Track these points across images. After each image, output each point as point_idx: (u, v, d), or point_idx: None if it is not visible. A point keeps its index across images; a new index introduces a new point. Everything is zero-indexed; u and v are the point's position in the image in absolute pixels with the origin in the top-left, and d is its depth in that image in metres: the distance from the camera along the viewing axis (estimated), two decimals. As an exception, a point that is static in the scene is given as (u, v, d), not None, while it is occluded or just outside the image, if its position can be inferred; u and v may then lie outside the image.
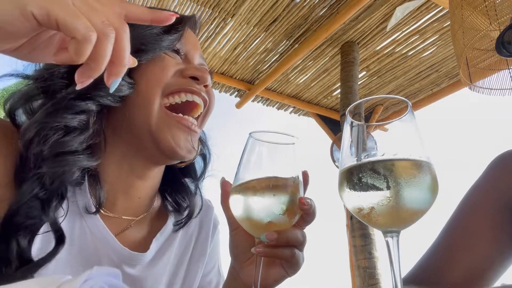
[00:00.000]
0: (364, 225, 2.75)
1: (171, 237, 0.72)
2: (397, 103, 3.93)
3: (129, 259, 0.64)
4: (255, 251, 0.51)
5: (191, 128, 0.65)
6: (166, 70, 0.64)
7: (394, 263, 0.43)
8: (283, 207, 0.48)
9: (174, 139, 0.62)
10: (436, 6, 2.80)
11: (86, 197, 0.62)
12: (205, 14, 2.97)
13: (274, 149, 0.50)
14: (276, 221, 0.49)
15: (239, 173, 0.50)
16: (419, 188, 0.43)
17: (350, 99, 3.10)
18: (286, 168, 0.49)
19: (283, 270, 0.56)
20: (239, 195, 0.49)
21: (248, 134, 0.51)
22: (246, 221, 0.50)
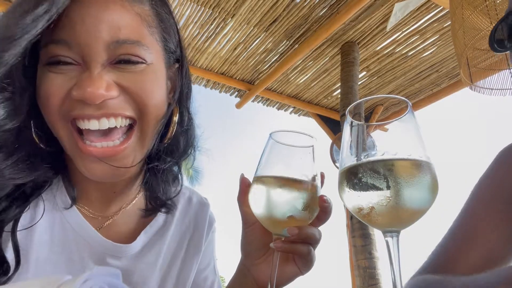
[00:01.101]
0: (364, 225, 2.75)
1: (161, 231, 0.70)
2: (397, 103, 3.93)
3: (113, 251, 0.62)
4: (274, 246, 0.52)
5: (107, 156, 0.52)
6: (49, 99, 0.51)
7: (394, 263, 0.43)
8: (304, 202, 0.50)
9: (87, 168, 0.54)
10: (436, 6, 2.80)
11: (63, 193, 0.60)
12: (205, 14, 2.98)
13: (293, 151, 0.52)
14: (297, 217, 0.50)
15: (258, 172, 0.52)
16: (419, 188, 0.43)
17: (350, 99, 3.10)
18: (305, 168, 0.51)
19: (297, 268, 0.57)
20: (261, 192, 0.51)
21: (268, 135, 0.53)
22: (266, 217, 0.51)
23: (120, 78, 0.53)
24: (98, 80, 0.50)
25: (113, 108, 0.52)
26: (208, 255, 0.77)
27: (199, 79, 3.70)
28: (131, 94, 0.54)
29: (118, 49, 0.52)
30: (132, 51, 0.53)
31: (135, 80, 0.54)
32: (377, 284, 2.66)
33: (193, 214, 0.76)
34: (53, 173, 0.58)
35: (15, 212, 0.53)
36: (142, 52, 0.54)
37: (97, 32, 0.51)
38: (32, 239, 0.55)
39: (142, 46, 0.54)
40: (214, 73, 3.65)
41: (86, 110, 0.51)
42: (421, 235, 0.81)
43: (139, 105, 0.54)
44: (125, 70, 0.53)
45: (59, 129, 0.53)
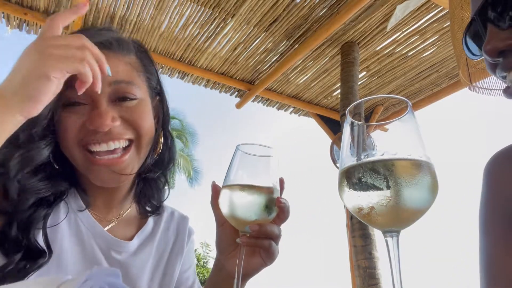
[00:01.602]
0: (364, 225, 2.75)
1: (150, 236, 0.86)
2: (397, 103, 3.93)
3: (116, 246, 0.77)
4: (240, 241, 0.61)
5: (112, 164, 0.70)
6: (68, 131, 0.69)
7: (394, 263, 0.43)
8: (263, 204, 0.59)
9: (98, 177, 0.72)
10: (436, 6, 2.80)
11: (77, 199, 0.77)
12: (205, 14, 2.98)
13: (256, 161, 0.61)
14: (258, 216, 0.60)
15: (227, 178, 0.61)
16: (419, 188, 0.43)
17: (350, 99, 3.10)
18: (266, 175, 0.61)
19: (261, 260, 0.68)
20: (227, 196, 0.60)
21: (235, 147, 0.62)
22: (232, 217, 0.60)
23: (120, 111, 0.71)
24: (105, 114, 0.68)
25: (116, 133, 0.70)
26: (189, 260, 0.93)
27: (199, 79, 3.70)
28: (129, 122, 0.72)
29: (117, 88, 0.71)
30: (128, 90, 0.72)
31: (131, 112, 0.72)
32: (377, 284, 2.67)
33: (175, 224, 0.92)
34: (67, 185, 0.75)
35: (42, 214, 0.68)
36: (134, 90, 0.73)
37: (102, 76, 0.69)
38: (56, 234, 0.70)
39: (134, 85, 0.73)
40: (214, 73, 3.65)
41: (97, 137, 0.69)
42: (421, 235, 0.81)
43: (136, 129, 0.73)
44: (123, 105, 0.72)
45: (75, 153, 0.70)
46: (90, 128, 0.68)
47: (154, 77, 0.83)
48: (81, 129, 0.69)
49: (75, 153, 0.70)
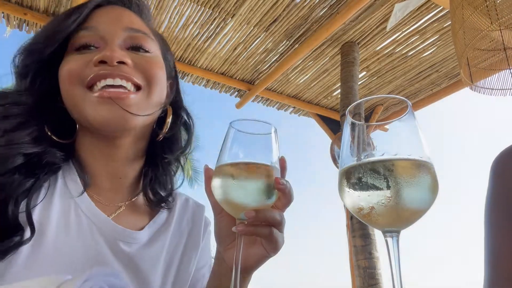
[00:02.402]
0: (364, 225, 2.75)
1: (163, 227, 0.76)
2: (397, 103, 3.93)
3: (125, 236, 0.67)
4: (236, 229, 0.54)
5: (117, 97, 0.61)
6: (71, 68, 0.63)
7: (394, 263, 0.43)
8: (260, 187, 0.52)
9: (98, 112, 0.61)
10: (436, 6, 2.80)
11: (74, 181, 0.67)
12: (205, 14, 2.98)
13: (252, 139, 0.53)
14: (254, 202, 0.52)
15: (219, 160, 0.53)
16: (419, 188, 0.43)
17: (350, 99, 3.10)
18: (264, 155, 0.53)
19: (264, 250, 0.59)
20: (218, 179, 0.52)
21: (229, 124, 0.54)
22: (225, 202, 0.53)
23: (133, 57, 0.66)
24: (116, 48, 0.64)
25: (126, 72, 0.63)
26: (205, 255, 0.83)
27: (199, 79, 3.70)
28: (141, 67, 0.66)
29: (132, 35, 0.67)
30: (143, 41, 0.68)
31: (144, 60, 0.67)
32: (377, 284, 2.66)
33: (190, 214, 0.82)
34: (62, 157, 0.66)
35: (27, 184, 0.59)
36: (150, 43, 0.69)
37: (117, 20, 0.68)
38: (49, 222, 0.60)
39: (150, 38, 0.70)
40: (214, 73, 3.65)
41: (104, 70, 0.61)
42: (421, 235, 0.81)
43: (147, 76, 0.66)
44: (136, 53, 0.67)
45: (75, 92, 0.63)
46: (97, 60, 0.61)
47: (170, 58, 0.79)
48: (86, 67, 0.62)
49: (76, 92, 0.62)
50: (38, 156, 0.62)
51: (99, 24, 0.66)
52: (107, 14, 0.68)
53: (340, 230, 3.47)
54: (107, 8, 0.70)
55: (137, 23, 0.70)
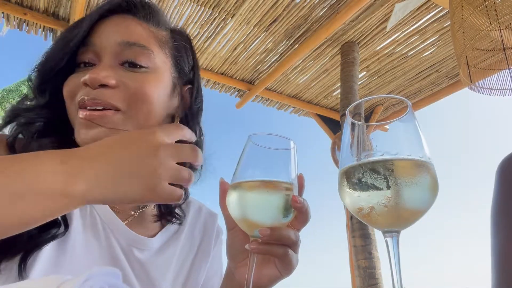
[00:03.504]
0: (364, 225, 2.75)
1: (175, 235, 0.76)
2: (397, 103, 3.93)
3: (138, 243, 0.68)
4: (249, 247, 0.52)
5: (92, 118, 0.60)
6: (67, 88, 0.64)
7: (394, 263, 0.43)
8: (276, 205, 0.51)
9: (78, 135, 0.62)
10: (436, 6, 2.80)
11: None
12: (205, 14, 2.98)
13: (271, 154, 0.52)
14: (270, 219, 0.51)
15: (236, 174, 0.52)
16: (419, 188, 0.43)
17: (350, 99, 3.10)
18: (282, 171, 0.52)
19: (277, 270, 0.57)
20: (236, 194, 0.51)
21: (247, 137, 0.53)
22: (240, 219, 0.52)
23: (123, 76, 0.62)
24: (101, 68, 0.61)
25: (106, 96, 0.61)
26: (216, 263, 0.82)
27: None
28: (128, 89, 0.62)
29: (128, 50, 0.64)
30: (139, 56, 0.64)
31: (136, 80, 0.63)
32: (377, 284, 2.67)
33: (202, 222, 0.82)
34: None
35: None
36: (148, 57, 0.65)
37: (114, 33, 0.65)
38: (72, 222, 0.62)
39: (148, 51, 0.65)
40: (214, 73, 3.65)
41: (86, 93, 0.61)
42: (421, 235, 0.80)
43: (132, 99, 0.62)
44: (129, 70, 0.63)
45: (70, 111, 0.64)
46: (82, 83, 0.61)
47: (187, 61, 0.74)
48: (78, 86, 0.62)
49: (70, 111, 0.64)
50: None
51: (96, 39, 0.64)
52: (106, 27, 0.66)
53: (340, 230, 3.47)
54: (108, 19, 0.67)
55: (136, 34, 0.65)
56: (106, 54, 0.63)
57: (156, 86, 0.65)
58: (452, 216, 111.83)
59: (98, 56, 0.64)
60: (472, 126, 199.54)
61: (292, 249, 0.55)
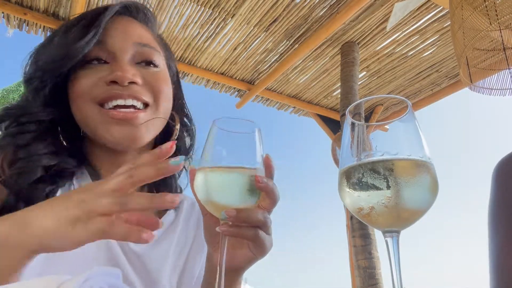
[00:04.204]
0: (364, 225, 2.75)
1: (171, 227, 0.78)
2: (397, 103, 3.93)
3: None
4: (219, 229, 0.52)
5: (127, 118, 0.65)
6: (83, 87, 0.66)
7: (394, 263, 0.43)
8: (240, 187, 0.50)
9: (109, 133, 0.66)
10: (436, 6, 2.80)
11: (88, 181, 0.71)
12: (205, 14, 2.98)
13: (235, 137, 0.52)
14: (234, 201, 0.51)
15: (201, 159, 0.52)
16: (419, 188, 0.43)
17: (350, 99, 3.10)
18: (247, 154, 0.51)
19: (250, 252, 0.57)
20: (200, 178, 0.51)
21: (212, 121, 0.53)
22: (206, 202, 0.52)
23: (142, 73, 0.69)
24: (127, 67, 0.66)
25: (136, 91, 0.66)
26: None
27: (199, 79, 3.70)
28: (149, 84, 0.69)
29: (141, 51, 0.70)
30: (151, 56, 0.71)
31: (152, 76, 0.70)
32: (377, 284, 2.66)
33: (196, 217, 0.83)
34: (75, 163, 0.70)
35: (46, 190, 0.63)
36: (158, 58, 0.72)
37: (127, 35, 0.70)
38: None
39: (158, 52, 0.73)
40: (214, 73, 3.65)
41: (115, 90, 0.65)
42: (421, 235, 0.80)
43: (155, 93, 0.70)
44: (144, 68, 0.70)
45: (87, 110, 0.66)
46: (109, 80, 0.64)
47: (173, 66, 0.81)
48: (98, 85, 0.65)
49: (88, 110, 0.66)
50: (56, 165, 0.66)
51: (109, 38, 0.68)
52: (116, 28, 0.70)
53: (340, 230, 3.47)
54: (116, 19, 0.71)
55: (145, 36, 0.72)
56: (123, 53, 0.68)
57: (167, 83, 0.73)
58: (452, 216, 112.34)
59: (112, 55, 0.68)
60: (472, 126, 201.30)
61: (263, 230, 0.55)
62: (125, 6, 0.73)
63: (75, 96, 0.67)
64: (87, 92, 0.65)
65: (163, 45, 0.79)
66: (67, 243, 0.43)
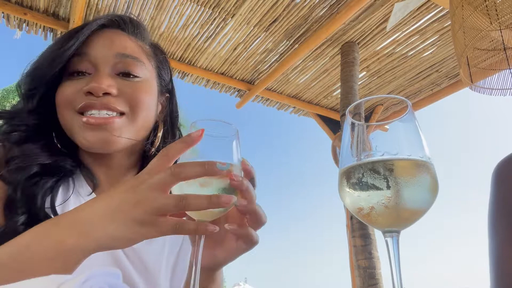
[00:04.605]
0: (364, 225, 2.75)
1: None
2: (397, 103, 3.93)
3: None
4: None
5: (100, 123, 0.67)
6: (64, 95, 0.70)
7: (394, 263, 0.43)
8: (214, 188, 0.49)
9: (84, 137, 0.69)
10: (436, 6, 2.80)
11: (83, 184, 0.74)
12: (205, 14, 2.98)
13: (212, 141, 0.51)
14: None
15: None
16: (419, 188, 0.43)
17: (350, 99, 3.10)
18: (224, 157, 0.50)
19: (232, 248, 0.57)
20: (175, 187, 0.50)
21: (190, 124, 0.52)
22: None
23: (120, 84, 0.71)
24: (103, 78, 0.68)
25: (110, 102, 0.68)
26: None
27: (199, 79, 3.70)
28: (127, 94, 0.71)
29: (123, 61, 0.72)
30: (132, 67, 0.72)
31: (131, 87, 0.72)
32: (377, 284, 2.67)
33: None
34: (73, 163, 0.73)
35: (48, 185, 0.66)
36: (140, 68, 0.74)
37: (109, 45, 0.72)
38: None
39: (140, 62, 0.74)
40: (214, 73, 3.65)
41: (90, 101, 0.68)
42: (421, 235, 0.80)
43: (132, 103, 0.71)
44: (125, 80, 0.72)
45: (67, 117, 0.69)
46: (85, 91, 0.67)
47: (166, 73, 0.83)
48: (77, 94, 0.69)
49: (68, 117, 0.70)
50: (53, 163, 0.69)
51: (92, 50, 0.71)
52: (100, 40, 0.73)
53: (340, 230, 3.47)
54: (101, 32, 0.74)
55: (129, 47, 0.74)
56: (104, 64, 0.70)
57: (148, 93, 0.74)
58: (452, 216, 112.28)
59: (94, 66, 0.71)
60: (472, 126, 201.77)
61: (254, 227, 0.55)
62: (110, 19, 0.76)
63: (59, 104, 0.70)
64: (69, 102, 0.69)
65: (154, 54, 0.81)
66: (130, 243, 0.46)
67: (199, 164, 0.46)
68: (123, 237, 0.45)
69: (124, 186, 0.47)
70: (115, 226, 0.44)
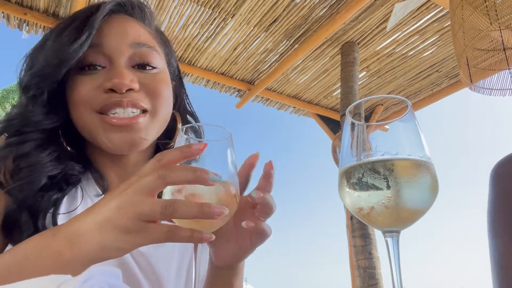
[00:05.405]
0: (364, 225, 2.75)
1: None
2: (397, 103, 3.93)
3: None
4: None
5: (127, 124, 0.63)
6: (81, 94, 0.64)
7: (394, 263, 0.43)
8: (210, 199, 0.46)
9: (108, 139, 0.65)
10: (436, 6, 2.80)
11: (94, 185, 0.71)
12: (205, 14, 2.97)
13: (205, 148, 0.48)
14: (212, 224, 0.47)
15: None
16: (419, 188, 0.43)
17: (350, 99, 3.10)
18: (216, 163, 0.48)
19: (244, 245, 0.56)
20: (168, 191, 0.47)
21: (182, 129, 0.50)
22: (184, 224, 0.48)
23: (139, 77, 0.66)
24: (124, 73, 0.63)
25: (134, 98, 0.64)
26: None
27: (199, 79, 3.70)
28: (147, 89, 0.66)
29: (138, 52, 0.67)
30: (149, 56, 0.67)
31: (150, 79, 0.67)
32: (377, 284, 2.66)
33: None
34: (81, 169, 0.69)
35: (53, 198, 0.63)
36: (156, 58, 0.69)
37: (122, 34, 0.66)
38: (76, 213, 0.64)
39: (156, 51, 0.69)
40: (214, 73, 3.65)
41: (113, 98, 0.63)
42: (421, 235, 0.80)
43: (153, 98, 0.67)
44: (142, 72, 0.67)
45: (87, 118, 0.65)
46: (107, 87, 0.62)
47: (173, 62, 0.78)
48: (96, 92, 0.63)
49: (88, 118, 0.64)
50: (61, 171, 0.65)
51: (104, 40, 0.65)
52: (112, 28, 0.66)
53: (340, 230, 3.47)
54: (110, 19, 0.67)
55: (143, 35, 0.69)
56: (119, 56, 0.65)
57: (167, 85, 0.70)
58: (452, 216, 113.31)
59: (107, 58, 0.65)
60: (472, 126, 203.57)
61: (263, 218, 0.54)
62: (118, 3, 0.69)
63: (75, 103, 0.65)
64: (87, 101, 0.64)
65: (162, 41, 0.76)
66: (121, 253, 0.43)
67: (190, 170, 0.42)
68: (112, 247, 0.42)
69: (115, 191, 0.44)
70: (102, 236, 0.41)
